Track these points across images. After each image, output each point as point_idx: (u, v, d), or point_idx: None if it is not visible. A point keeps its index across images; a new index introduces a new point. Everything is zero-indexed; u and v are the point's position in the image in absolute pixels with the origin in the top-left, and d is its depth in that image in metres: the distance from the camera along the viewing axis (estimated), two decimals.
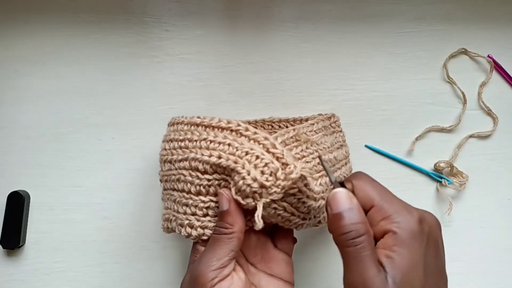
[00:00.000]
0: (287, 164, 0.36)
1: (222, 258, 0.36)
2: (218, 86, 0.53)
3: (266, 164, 0.36)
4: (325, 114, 0.49)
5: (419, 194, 0.53)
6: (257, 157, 0.37)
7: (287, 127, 0.50)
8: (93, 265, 0.51)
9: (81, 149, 0.52)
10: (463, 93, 0.53)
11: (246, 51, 0.53)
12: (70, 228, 0.51)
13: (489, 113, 0.54)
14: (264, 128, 0.51)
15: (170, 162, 0.42)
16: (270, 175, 0.36)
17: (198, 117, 0.42)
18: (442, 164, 0.52)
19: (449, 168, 0.52)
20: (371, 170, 0.52)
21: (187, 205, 0.40)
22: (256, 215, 0.35)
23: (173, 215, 0.41)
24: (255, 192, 0.36)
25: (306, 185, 0.37)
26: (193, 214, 0.39)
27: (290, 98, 0.53)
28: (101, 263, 0.51)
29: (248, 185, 0.36)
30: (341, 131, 0.49)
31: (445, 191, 0.52)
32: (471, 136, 0.53)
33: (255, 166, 0.36)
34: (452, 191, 0.53)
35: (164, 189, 0.44)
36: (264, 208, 0.37)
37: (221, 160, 0.37)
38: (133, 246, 0.51)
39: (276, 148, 0.37)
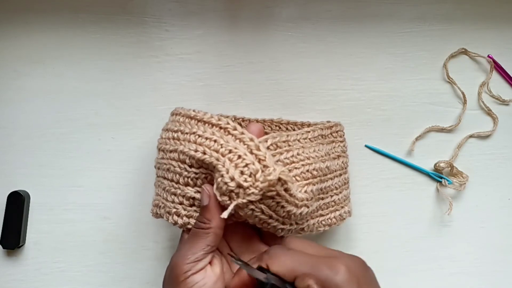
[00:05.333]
0: (268, 167, 0.37)
1: (197, 252, 0.37)
2: (218, 86, 0.53)
3: (246, 165, 0.37)
4: (331, 122, 0.49)
5: (419, 194, 0.53)
6: (239, 156, 0.37)
7: (294, 129, 0.50)
8: (93, 265, 0.51)
9: (81, 149, 0.52)
10: (463, 93, 0.53)
11: (246, 51, 0.53)
12: (70, 228, 0.51)
13: (489, 113, 0.54)
14: (271, 129, 0.50)
15: (163, 151, 0.43)
16: (250, 176, 0.37)
17: (194, 111, 0.43)
18: (442, 164, 0.52)
19: (449, 168, 0.52)
20: (371, 170, 0.53)
21: (175, 194, 0.41)
22: (224, 213, 0.36)
23: (162, 202, 0.42)
24: (231, 191, 0.36)
25: (286, 189, 0.38)
26: (180, 203, 0.41)
27: (290, 98, 0.53)
28: (101, 263, 0.51)
29: (225, 183, 0.36)
30: (342, 141, 0.48)
31: (445, 191, 0.52)
32: (471, 136, 0.53)
33: (236, 166, 0.37)
34: (452, 191, 0.53)
35: (157, 176, 0.45)
36: (241, 208, 0.37)
37: (205, 156, 0.38)
38: (133, 246, 0.51)
39: (260, 150, 0.38)
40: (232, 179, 0.36)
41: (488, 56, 0.54)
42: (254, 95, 0.53)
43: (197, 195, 0.40)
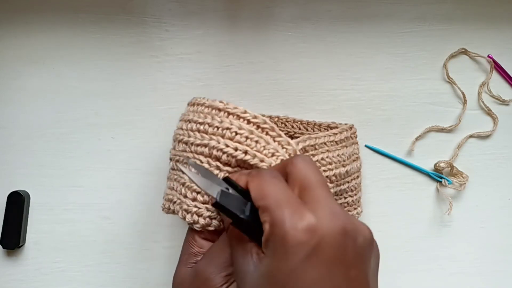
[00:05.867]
0: None
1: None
2: (218, 86, 0.53)
3: None
4: (345, 124, 0.49)
5: (419, 194, 0.53)
6: (282, 160, 0.37)
7: (299, 128, 0.50)
8: (93, 265, 0.51)
9: (81, 149, 0.52)
10: (463, 93, 0.53)
11: (246, 51, 0.53)
12: (70, 228, 0.51)
13: (489, 113, 0.54)
14: (277, 126, 0.50)
15: (185, 143, 0.40)
16: None
17: (221, 102, 0.40)
18: (442, 164, 0.52)
19: (449, 168, 0.52)
20: (371, 170, 0.53)
21: (198, 192, 0.38)
22: None
23: (179, 198, 0.39)
24: None
25: None
26: (204, 202, 0.38)
27: (290, 98, 0.53)
28: (101, 263, 0.51)
29: None
30: (357, 143, 0.49)
31: (445, 191, 0.52)
32: (471, 136, 0.53)
33: None
34: (452, 191, 0.53)
35: (173, 169, 0.42)
36: None
37: (248, 156, 0.37)
38: (133, 246, 0.51)
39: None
40: None
41: (488, 56, 0.54)
42: (254, 95, 0.53)
43: None
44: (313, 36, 0.54)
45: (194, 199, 0.38)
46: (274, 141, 0.38)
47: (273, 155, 0.37)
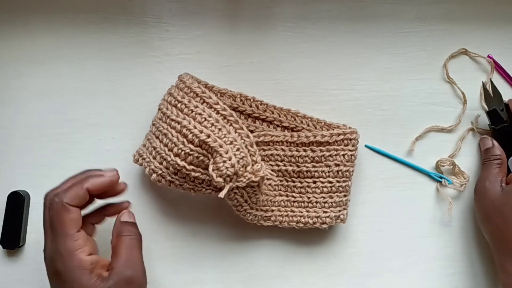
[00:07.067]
0: (256, 162, 0.44)
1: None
2: (218, 86, 0.53)
3: (242, 157, 0.43)
4: (347, 129, 0.49)
5: (419, 194, 0.53)
6: (238, 149, 0.43)
7: (308, 125, 0.50)
8: None
9: (81, 149, 0.52)
10: (463, 93, 0.53)
11: (246, 51, 0.53)
12: None
13: None
14: (287, 118, 0.50)
15: (164, 114, 0.47)
16: (243, 166, 0.43)
17: (199, 87, 0.47)
18: (444, 162, 0.52)
19: (451, 166, 0.52)
20: (371, 170, 0.53)
21: (164, 159, 0.46)
22: (221, 193, 0.42)
23: (148, 157, 0.47)
24: (228, 175, 0.42)
25: (261, 183, 0.45)
26: (167, 168, 0.46)
27: (290, 98, 0.53)
28: None
29: (227, 168, 0.42)
30: (352, 151, 0.48)
31: (445, 191, 0.52)
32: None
33: (234, 155, 0.43)
34: (452, 191, 0.53)
35: (151, 131, 0.49)
36: (228, 190, 0.43)
37: (209, 140, 0.43)
38: None
39: (253, 147, 0.45)
40: (233, 166, 0.42)
41: (488, 56, 0.54)
42: (254, 95, 0.53)
43: (183, 170, 0.45)
44: (313, 36, 0.54)
45: (161, 163, 0.46)
46: (236, 132, 0.45)
47: (231, 143, 0.43)
